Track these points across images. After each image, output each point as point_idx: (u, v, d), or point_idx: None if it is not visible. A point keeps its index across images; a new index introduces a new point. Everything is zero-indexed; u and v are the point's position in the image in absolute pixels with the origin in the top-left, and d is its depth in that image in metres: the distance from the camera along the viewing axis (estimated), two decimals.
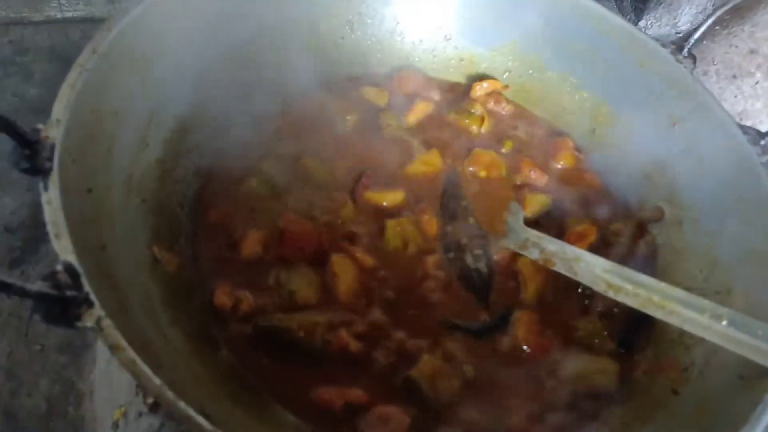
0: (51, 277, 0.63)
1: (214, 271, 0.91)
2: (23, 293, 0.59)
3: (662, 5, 1.85)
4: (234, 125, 1.02)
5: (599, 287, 0.91)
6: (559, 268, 0.95)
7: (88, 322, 0.62)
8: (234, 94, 1.03)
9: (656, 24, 1.94)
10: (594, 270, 0.93)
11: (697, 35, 1.05)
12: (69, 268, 0.64)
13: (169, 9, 0.92)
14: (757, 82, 1.23)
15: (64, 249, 0.65)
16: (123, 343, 0.61)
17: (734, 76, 1.24)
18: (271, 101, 1.08)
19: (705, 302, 0.84)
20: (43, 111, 1.23)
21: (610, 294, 0.90)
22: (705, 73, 1.22)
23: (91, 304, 0.63)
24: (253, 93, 1.05)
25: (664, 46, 1.08)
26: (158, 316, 0.78)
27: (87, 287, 0.63)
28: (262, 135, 1.04)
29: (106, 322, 0.62)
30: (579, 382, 0.90)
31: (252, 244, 0.93)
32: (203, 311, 0.86)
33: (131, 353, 0.61)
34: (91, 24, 1.45)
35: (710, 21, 1.06)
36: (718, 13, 1.05)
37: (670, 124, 1.07)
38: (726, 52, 1.25)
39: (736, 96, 1.23)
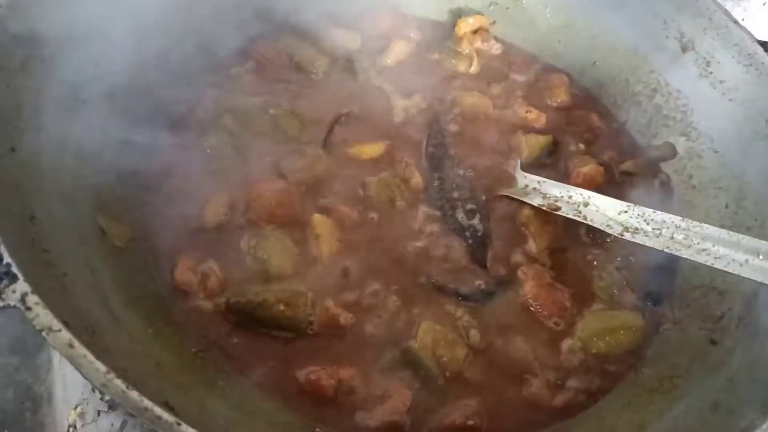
0: None
1: (173, 243, 0.78)
2: None
3: None
4: (189, 71, 0.89)
5: (614, 230, 0.82)
6: (566, 213, 0.86)
7: (11, 300, 0.50)
8: (184, 40, 0.90)
9: None
10: (606, 212, 0.84)
11: None
12: None
13: None
14: (764, 3, 1.12)
15: None
16: (55, 323, 0.50)
17: None
18: (230, 44, 0.96)
19: (738, 236, 0.76)
20: None
21: (627, 236, 0.81)
22: None
23: (14, 278, 0.50)
24: (212, 33, 0.92)
25: None
26: (107, 296, 0.66)
27: (7, 258, 0.51)
28: (221, 85, 0.91)
29: (33, 299, 0.50)
30: (600, 341, 0.79)
31: (215, 209, 0.81)
32: (164, 289, 0.74)
33: (66, 334, 0.49)
34: None
35: None
36: None
37: (681, 48, 0.95)
38: None
39: (743, 19, 1.12)
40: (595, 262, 0.86)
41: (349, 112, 0.93)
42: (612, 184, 0.93)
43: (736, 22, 0.91)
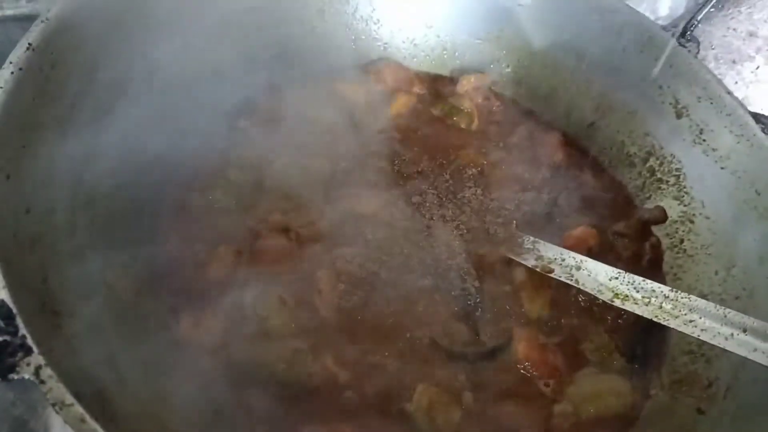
0: None
1: (177, 296, 0.79)
2: None
3: None
4: (195, 126, 0.91)
5: (605, 296, 0.85)
6: (559, 276, 0.88)
7: (26, 373, 0.51)
8: (195, 97, 0.92)
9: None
10: (597, 277, 0.86)
11: (700, 16, 0.96)
12: (1, 307, 0.53)
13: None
14: (758, 67, 1.16)
15: None
16: (68, 397, 0.51)
17: (734, 61, 1.17)
18: (236, 98, 0.98)
19: (724, 310, 0.78)
20: None
21: (617, 303, 0.84)
22: (703, 58, 1.13)
23: (28, 351, 0.52)
24: (216, 88, 0.94)
25: (665, 29, 0.99)
26: (113, 355, 0.67)
27: (23, 329, 0.53)
28: (227, 137, 0.94)
29: (47, 373, 0.51)
30: (590, 405, 0.81)
31: (219, 263, 0.82)
32: (167, 344, 0.75)
33: (78, 409, 0.51)
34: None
35: (710, 5, 0.97)
36: None
37: (676, 114, 0.98)
38: (724, 35, 1.17)
39: (736, 82, 1.15)
40: (585, 325, 0.88)
41: (351, 167, 0.95)
42: (603, 246, 0.95)
43: (729, 93, 0.94)
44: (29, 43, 0.71)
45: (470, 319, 0.85)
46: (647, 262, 0.95)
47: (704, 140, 0.95)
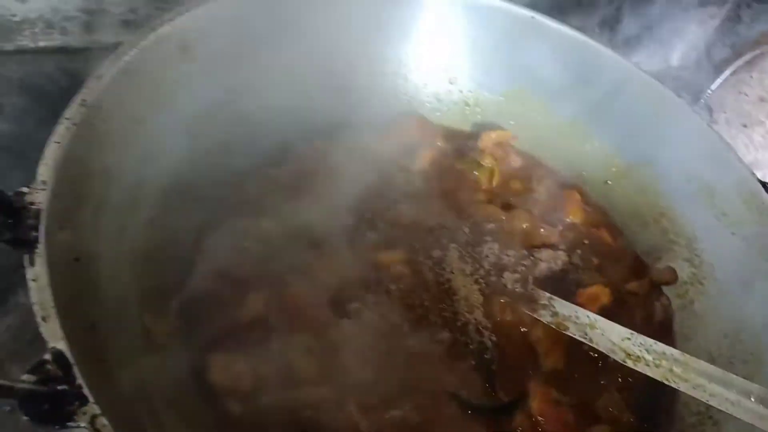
0: (39, 369, 0.55)
1: (209, 341, 0.82)
2: (10, 394, 0.52)
3: (655, 41, 1.84)
4: (230, 178, 0.95)
5: (617, 356, 0.87)
6: (573, 333, 0.91)
7: (82, 421, 0.54)
8: (231, 144, 0.96)
9: (648, 60, 1.92)
10: (610, 337, 0.89)
11: (714, 86, 1.01)
12: (59, 358, 0.57)
13: (163, 55, 0.86)
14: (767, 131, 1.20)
15: (52, 334, 0.58)
16: None
17: (744, 125, 1.21)
18: (268, 147, 1.02)
19: (731, 376, 0.81)
20: (10, 149, 1.15)
21: (629, 363, 0.86)
22: (715, 121, 1.18)
23: (84, 400, 0.55)
24: (251, 142, 0.99)
25: (679, 95, 1.04)
26: (152, 400, 0.70)
27: (80, 379, 0.56)
28: (261, 187, 0.98)
29: (102, 422, 0.55)
30: None
31: (249, 308, 0.85)
32: (200, 389, 0.78)
33: None
34: (66, 55, 1.36)
35: (727, 73, 1.02)
36: (736, 64, 1.01)
37: (687, 178, 1.02)
38: (735, 100, 1.22)
39: (746, 145, 1.20)
40: (598, 382, 0.91)
41: (376, 216, 0.99)
42: (616, 304, 0.98)
43: (740, 160, 0.98)
44: (83, 99, 0.75)
45: (487, 372, 0.88)
46: (658, 321, 0.99)
47: (715, 205, 0.99)
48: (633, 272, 1.04)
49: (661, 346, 0.85)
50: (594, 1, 1.50)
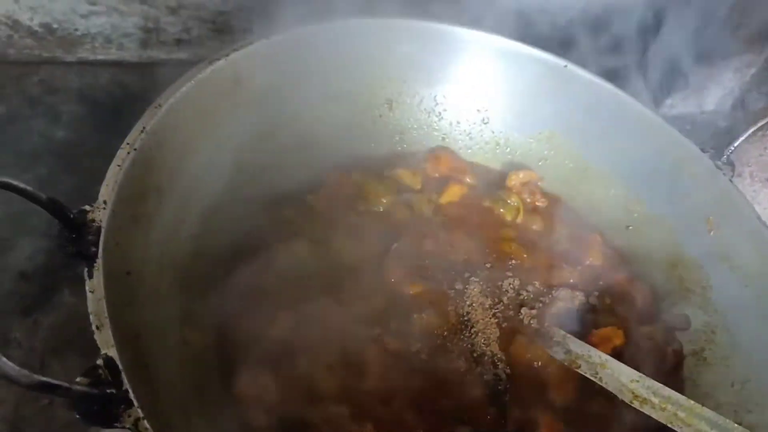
0: (92, 372, 0.61)
1: (239, 352, 0.88)
2: (68, 394, 0.58)
3: (690, 87, 1.87)
4: (268, 203, 1.02)
5: (624, 397, 0.91)
6: (585, 371, 0.94)
7: (127, 423, 0.61)
8: (271, 172, 1.03)
9: (682, 103, 1.95)
10: (620, 378, 0.92)
11: (737, 143, 1.05)
12: (110, 364, 0.63)
13: (218, 88, 0.93)
14: None
15: (105, 342, 0.64)
16: None
17: None
18: (304, 175, 1.08)
19: (732, 425, 0.83)
20: (66, 155, 1.23)
21: (635, 405, 0.89)
22: (739, 175, 1.22)
23: (130, 404, 0.61)
24: (290, 170, 1.05)
25: (704, 150, 1.08)
26: (187, 406, 0.77)
27: (126, 384, 0.62)
28: (296, 212, 1.04)
29: (144, 425, 0.61)
30: None
31: (279, 325, 0.91)
32: (227, 398, 0.84)
33: None
34: (121, 68, 1.45)
35: (752, 129, 1.06)
36: (761, 122, 1.05)
37: (706, 229, 1.06)
38: (761, 155, 1.25)
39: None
40: (607, 418, 0.95)
41: (403, 247, 1.05)
42: (628, 346, 1.02)
43: (759, 218, 1.02)
44: (143, 127, 0.82)
45: (499, 402, 0.93)
46: (669, 365, 1.02)
47: (730, 257, 1.03)
48: (648, 317, 1.07)
49: (667, 391, 0.88)
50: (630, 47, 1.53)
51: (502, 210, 1.15)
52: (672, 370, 1.02)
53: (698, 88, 1.97)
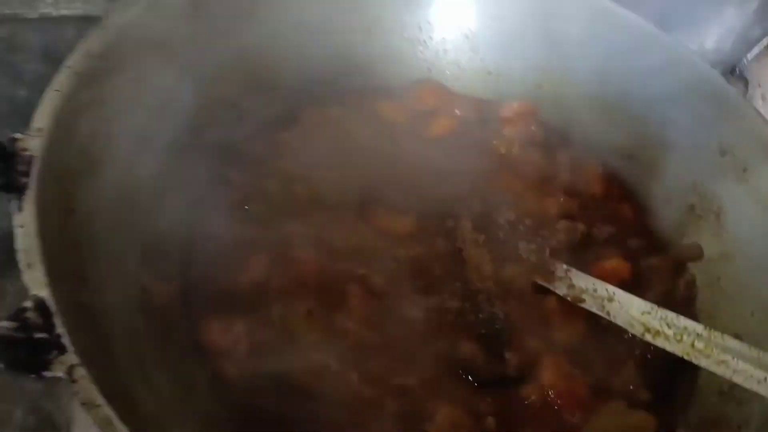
0: (18, 315, 0.54)
1: (208, 302, 0.81)
2: None
3: (690, 23, 1.76)
4: (238, 139, 0.93)
5: (636, 330, 0.83)
6: (590, 306, 0.87)
7: (58, 371, 0.53)
8: (240, 106, 0.94)
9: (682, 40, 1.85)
10: (629, 311, 0.84)
11: (750, 56, 0.95)
12: (40, 305, 0.55)
13: (173, 11, 0.84)
14: None
15: (35, 282, 0.57)
16: (98, 398, 0.52)
17: None
18: (278, 110, 1.00)
19: (758, 352, 0.75)
20: (28, 116, 1.15)
21: (648, 338, 0.82)
22: (751, 97, 1.12)
23: (63, 350, 0.54)
24: (261, 104, 0.96)
25: (713, 66, 0.98)
26: (144, 358, 0.69)
27: (59, 328, 0.55)
28: (269, 150, 0.95)
29: (80, 372, 0.53)
30: None
31: (251, 272, 0.83)
32: (193, 350, 0.77)
33: (107, 411, 0.52)
34: (88, 23, 1.34)
35: (764, 43, 0.96)
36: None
37: (720, 152, 0.97)
38: None
39: None
40: (614, 357, 0.87)
41: (388, 185, 0.96)
42: (636, 280, 0.93)
43: None
44: (87, 49, 0.74)
45: (497, 343, 0.84)
46: (681, 298, 0.94)
47: (747, 179, 0.94)
48: (655, 248, 0.99)
49: (682, 320, 0.80)
50: None
51: (495, 142, 1.06)
52: (684, 304, 0.93)
53: (698, 23, 1.87)
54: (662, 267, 0.95)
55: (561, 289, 0.88)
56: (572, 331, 0.87)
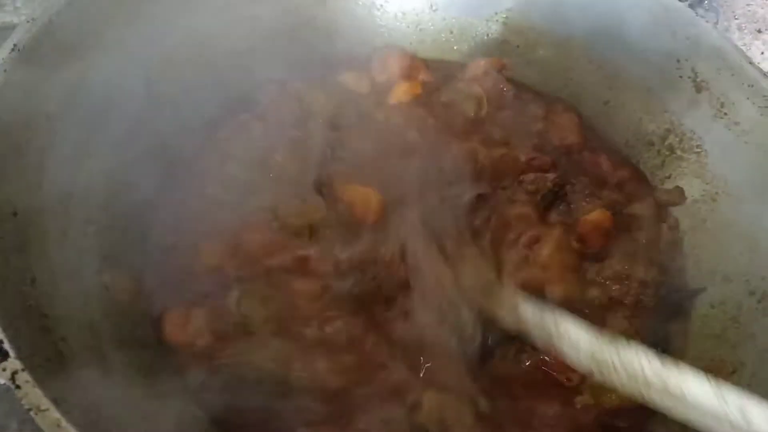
0: None
1: (167, 295, 0.77)
2: None
3: None
4: (194, 119, 0.90)
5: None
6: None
7: (2, 378, 0.50)
8: (196, 91, 0.91)
9: None
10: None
11: None
12: None
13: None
14: None
15: None
16: (44, 402, 0.50)
17: (759, 30, 1.11)
18: (236, 91, 0.96)
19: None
20: None
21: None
22: (726, 29, 1.08)
23: (5, 355, 0.51)
24: (219, 87, 0.93)
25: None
26: (109, 359, 0.66)
27: (0, 333, 0.52)
28: (228, 131, 0.92)
29: (23, 377, 0.50)
30: (612, 394, 0.76)
31: (207, 258, 0.80)
32: (158, 346, 0.74)
33: (54, 414, 0.49)
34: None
35: None
36: None
37: (695, 88, 0.93)
38: (747, 5, 1.12)
39: (762, 52, 1.09)
40: (605, 310, 0.84)
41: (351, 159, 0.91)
42: (620, 228, 0.90)
43: (751, 62, 0.89)
44: (14, 45, 0.70)
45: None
46: (666, 244, 0.91)
47: (726, 114, 0.90)
48: (637, 195, 0.95)
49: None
50: None
51: (463, 106, 1.01)
52: (671, 249, 0.90)
53: None
54: (645, 214, 0.92)
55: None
56: (565, 286, 0.83)
